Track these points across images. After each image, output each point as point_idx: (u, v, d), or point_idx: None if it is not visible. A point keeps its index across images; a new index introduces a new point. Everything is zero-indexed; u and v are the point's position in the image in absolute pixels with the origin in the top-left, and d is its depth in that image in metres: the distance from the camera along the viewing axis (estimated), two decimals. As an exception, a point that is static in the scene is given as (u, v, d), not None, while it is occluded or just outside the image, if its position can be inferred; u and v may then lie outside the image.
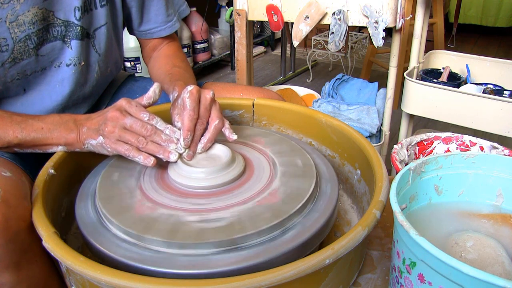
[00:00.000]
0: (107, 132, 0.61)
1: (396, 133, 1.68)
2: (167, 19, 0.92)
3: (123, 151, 0.61)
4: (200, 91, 0.65)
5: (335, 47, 1.25)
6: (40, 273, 0.60)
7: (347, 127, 0.74)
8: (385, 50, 2.39)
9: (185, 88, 0.64)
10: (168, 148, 0.62)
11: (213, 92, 0.66)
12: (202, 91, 0.65)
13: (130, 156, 0.61)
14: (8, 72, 0.71)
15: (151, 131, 0.61)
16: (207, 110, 0.65)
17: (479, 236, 0.51)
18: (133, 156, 0.61)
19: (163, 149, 0.62)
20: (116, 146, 0.61)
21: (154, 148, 0.61)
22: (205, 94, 0.65)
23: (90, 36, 0.80)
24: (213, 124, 0.65)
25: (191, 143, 0.63)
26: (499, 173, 0.57)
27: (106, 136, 0.61)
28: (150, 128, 0.61)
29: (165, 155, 0.62)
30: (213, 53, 2.73)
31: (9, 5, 0.66)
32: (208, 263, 0.50)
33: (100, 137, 0.62)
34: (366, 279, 0.61)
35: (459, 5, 3.29)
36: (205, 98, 0.65)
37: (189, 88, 0.64)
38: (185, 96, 0.63)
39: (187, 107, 0.63)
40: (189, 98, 0.63)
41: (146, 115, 0.62)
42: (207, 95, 0.65)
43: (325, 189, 0.64)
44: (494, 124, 1.15)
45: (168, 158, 0.62)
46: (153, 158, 0.61)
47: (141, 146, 0.61)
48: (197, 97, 0.64)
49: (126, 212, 0.57)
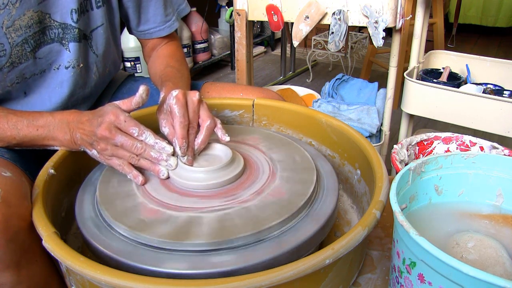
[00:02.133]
0: (100, 149, 0.62)
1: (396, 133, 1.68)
2: (165, 19, 0.92)
3: (116, 167, 0.63)
4: (186, 94, 0.64)
5: (335, 47, 1.25)
6: (40, 273, 0.60)
7: (347, 127, 0.74)
8: (385, 50, 2.39)
9: (170, 94, 0.64)
10: (159, 163, 0.62)
11: (199, 93, 0.65)
12: (188, 94, 0.65)
13: (123, 172, 0.62)
14: (7, 76, 0.71)
15: (141, 149, 0.61)
16: (195, 113, 0.65)
17: (480, 237, 0.51)
18: (125, 173, 0.62)
19: (154, 166, 0.62)
20: (109, 162, 0.63)
21: (146, 164, 0.62)
22: (191, 96, 0.64)
23: (87, 38, 0.80)
24: (205, 125, 0.65)
25: (187, 149, 0.63)
26: (499, 173, 0.57)
27: (100, 152, 0.63)
28: (140, 146, 0.61)
29: (155, 172, 0.63)
30: (213, 53, 2.72)
31: (5, 11, 0.66)
32: (209, 263, 0.50)
33: (94, 151, 0.63)
34: (366, 279, 0.61)
35: (459, 5, 3.29)
36: (192, 101, 0.64)
37: (174, 93, 0.63)
38: (171, 102, 0.63)
39: (176, 114, 0.62)
40: (176, 104, 0.62)
41: (136, 130, 0.61)
42: (194, 98, 0.64)
43: (325, 189, 0.64)
44: (494, 124, 1.15)
45: (159, 176, 0.63)
46: (141, 179, 0.62)
47: (134, 162, 0.62)
48: (184, 102, 0.63)
49: (126, 211, 0.57)
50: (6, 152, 0.67)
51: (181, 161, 0.63)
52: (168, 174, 0.63)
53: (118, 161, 0.62)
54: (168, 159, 0.62)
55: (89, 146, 0.63)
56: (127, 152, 0.61)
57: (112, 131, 0.60)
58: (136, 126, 0.61)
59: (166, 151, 0.62)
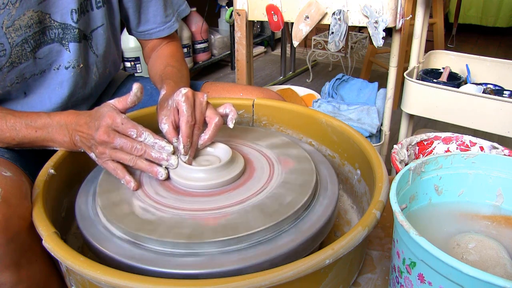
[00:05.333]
0: (98, 153, 0.62)
1: (396, 133, 1.68)
2: (165, 20, 0.92)
3: (110, 171, 0.62)
4: (194, 94, 0.64)
5: (335, 47, 1.25)
6: (40, 272, 0.60)
7: (347, 127, 0.74)
8: (385, 50, 2.39)
9: (178, 91, 0.63)
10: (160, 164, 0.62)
11: (206, 95, 0.65)
12: (196, 95, 0.64)
13: (116, 176, 0.62)
14: (7, 76, 0.71)
15: (141, 151, 0.61)
16: (202, 114, 0.64)
17: (481, 238, 0.51)
18: (119, 177, 0.62)
19: (151, 167, 0.62)
20: (105, 166, 0.63)
21: (144, 166, 0.62)
22: (199, 97, 0.64)
23: (87, 38, 0.80)
24: (213, 122, 0.64)
25: (190, 149, 0.63)
26: (499, 173, 0.57)
27: (98, 156, 0.63)
28: (140, 148, 0.60)
29: (153, 174, 0.62)
30: (213, 53, 2.72)
31: (5, 11, 0.66)
32: (209, 263, 0.50)
33: (93, 154, 0.63)
34: (366, 279, 0.61)
35: (459, 5, 3.29)
36: (200, 102, 0.64)
37: (183, 91, 0.62)
38: (180, 99, 0.62)
39: (184, 113, 0.61)
40: (184, 102, 0.61)
41: (134, 131, 0.60)
42: (201, 99, 0.64)
43: (325, 188, 0.64)
44: (494, 124, 1.15)
45: (157, 177, 0.62)
46: (132, 185, 0.61)
47: (132, 164, 0.61)
48: (193, 102, 0.63)
49: (126, 212, 0.57)
50: (6, 152, 0.67)
51: (181, 160, 0.63)
52: (166, 175, 0.62)
53: (112, 165, 0.62)
54: (169, 159, 0.61)
55: (88, 149, 0.64)
56: (126, 155, 0.61)
57: (111, 134, 0.60)
58: (134, 128, 0.60)
59: (166, 150, 0.61)
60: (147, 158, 0.61)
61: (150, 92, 0.94)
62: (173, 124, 0.64)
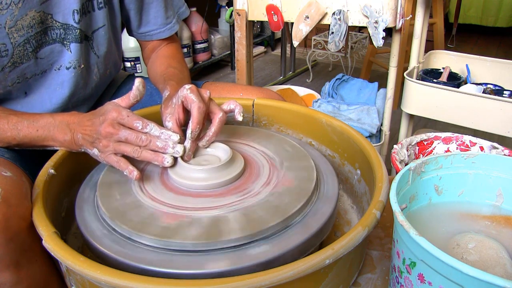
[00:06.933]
0: (102, 146, 0.62)
1: (396, 133, 1.68)
2: (166, 21, 0.92)
3: (113, 164, 0.62)
4: (198, 89, 0.65)
5: (335, 47, 1.25)
6: (40, 272, 0.60)
7: (347, 127, 0.74)
8: (385, 50, 2.39)
9: (183, 87, 0.63)
10: (166, 152, 0.61)
11: (209, 92, 0.66)
12: (200, 90, 0.65)
13: (119, 169, 0.62)
14: (8, 76, 0.71)
15: (146, 140, 0.61)
16: (207, 107, 0.65)
17: (481, 238, 0.51)
18: (122, 169, 0.61)
19: (157, 155, 0.61)
20: (108, 159, 0.62)
21: (149, 156, 0.61)
22: (203, 93, 0.65)
23: (88, 39, 0.80)
24: (218, 117, 0.65)
25: (191, 143, 0.63)
26: (499, 173, 0.57)
27: (101, 150, 0.62)
28: (145, 138, 0.60)
29: (159, 162, 0.61)
30: (213, 53, 2.72)
31: (8, 11, 0.66)
32: (247, 256, 0.50)
33: (95, 149, 0.63)
34: (366, 279, 0.61)
35: (459, 5, 3.29)
36: (204, 97, 0.64)
37: (187, 86, 0.63)
38: (186, 93, 0.62)
39: (195, 100, 0.62)
40: (192, 93, 0.62)
41: (139, 123, 0.61)
42: (205, 94, 0.65)
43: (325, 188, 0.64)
44: (494, 124, 1.15)
45: (163, 164, 0.62)
46: (135, 173, 0.60)
47: (136, 155, 0.61)
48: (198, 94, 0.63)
49: (126, 211, 0.57)
50: (6, 151, 0.67)
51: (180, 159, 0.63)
52: (172, 162, 0.62)
53: (115, 157, 0.61)
54: (174, 146, 0.61)
55: (90, 145, 0.63)
56: (129, 147, 0.61)
57: (116, 126, 0.60)
58: (139, 120, 0.61)
59: (172, 139, 0.61)
60: (152, 148, 0.61)
61: (150, 92, 0.94)
62: (177, 121, 0.64)
